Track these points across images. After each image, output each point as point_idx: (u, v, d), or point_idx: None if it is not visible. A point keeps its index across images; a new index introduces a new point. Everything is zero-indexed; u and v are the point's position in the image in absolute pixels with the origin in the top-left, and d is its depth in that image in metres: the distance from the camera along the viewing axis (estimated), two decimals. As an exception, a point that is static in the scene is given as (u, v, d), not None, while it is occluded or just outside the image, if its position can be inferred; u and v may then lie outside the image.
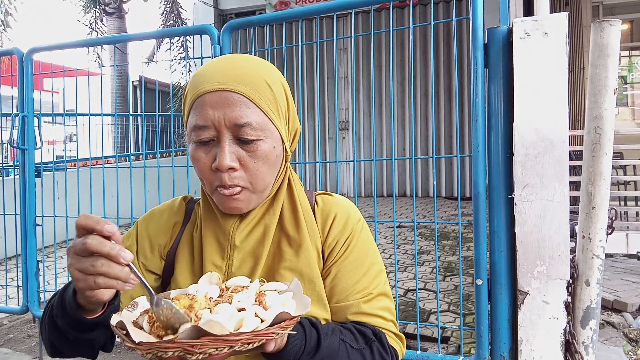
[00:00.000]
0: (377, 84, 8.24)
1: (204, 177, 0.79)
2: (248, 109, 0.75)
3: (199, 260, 0.83)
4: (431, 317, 2.97)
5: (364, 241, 0.87)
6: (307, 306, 0.64)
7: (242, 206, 0.79)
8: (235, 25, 2.19)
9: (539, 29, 1.56)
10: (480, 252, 1.71)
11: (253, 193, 0.79)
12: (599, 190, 1.45)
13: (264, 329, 0.58)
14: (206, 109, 0.75)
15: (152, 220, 0.90)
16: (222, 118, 0.74)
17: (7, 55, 2.89)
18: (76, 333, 0.71)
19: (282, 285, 0.70)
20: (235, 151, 0.76)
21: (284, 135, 0.81)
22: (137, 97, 11.57)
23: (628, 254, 4.10)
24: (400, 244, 4.91)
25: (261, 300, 0.64)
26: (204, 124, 0.75)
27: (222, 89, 0.75)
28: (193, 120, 0.76)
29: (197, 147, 0.77)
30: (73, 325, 0.70)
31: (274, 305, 0.64)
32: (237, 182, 0.77)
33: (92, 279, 0.61)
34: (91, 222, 0.61)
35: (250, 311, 0.61)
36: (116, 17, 10.47)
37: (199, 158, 0.77)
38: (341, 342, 0.74)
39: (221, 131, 0.75)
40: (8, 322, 3.37)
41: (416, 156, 3.44)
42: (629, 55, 7.77)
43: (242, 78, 0.76)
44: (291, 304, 0.65)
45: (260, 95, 0.76)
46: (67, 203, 2.65)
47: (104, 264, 0.60)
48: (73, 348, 0.75)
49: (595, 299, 1.50)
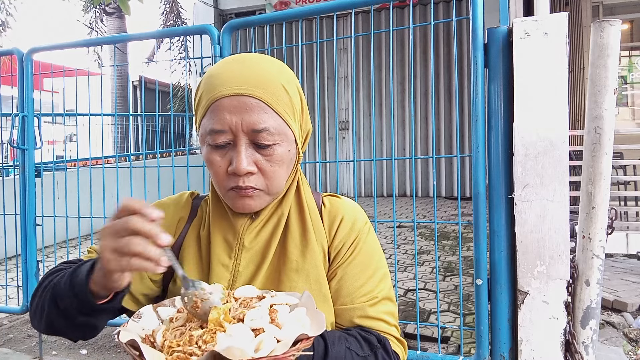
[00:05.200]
0: (377, 84, 8.23)
1: (218, 179, 0.79)
2: (266, 114, 0.75)
3: (207, 259, 0.83)
4: (431, 317, 2.97)
5: (370, 244, 0.87)
6: (322, 326, 0.64)
7: (254, 205, 0.79)
8: (235, 25, 2.19)
9: (539, 29, 1.56)
10: (480, 252, 1.71)
11: (267, 194, 0.80)
12: (599, 190, 1.45)
13: (282, 355, 0.58)
14: (223, 114, 0.74)
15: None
16: (240, 123, 0.74)
17: (7, 55, 2.88)
18: (83, 317, 0.71)
19: (293, 299, 0.70)
20: (252, 155, 0.76)
21: (297, 137, 0.81)
22: (137, 97, 11.57)
23: (628, 254, 4.10)
24: (400, 244, 4.91)
25: (274, 318, 0.64)
26: (221, 129, 0.74)
27: (239, 94, 0.74)
28: (209, 124, 0.76)
29: (212, 150, 0.77)
30: (81, 309, 0.70)
31: (290, 324, 0.63)
32: (254, 185, 0.77)
33: (126, 259, 0.62)
34: (137, 205, 0.63)
35: (269, 334, 0.61)
36: (116, 17, 10.47)
37: (214, 161, 0.77)
38: (347, 350, 0.74)
39: (238, 135, 0.75)
40: (8, 322, 3.37)
41: (416, 156, 3.44)
42: (629, 55, 7.77)
43: (259, 82, 0.75)
44: (306, 322, 0.65)
45: (278, 99, 0.76)
46: (67, 203, 2.65)
47: (141, 243, 0.61)
48: (74, 329, 0.75)
49: (595, 299, 1.50)
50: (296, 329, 0.61)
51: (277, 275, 0.81)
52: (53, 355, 2.82)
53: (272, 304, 0.67)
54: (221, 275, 0.81)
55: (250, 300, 0.69)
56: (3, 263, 4.59)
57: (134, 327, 0.65)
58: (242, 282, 0.81)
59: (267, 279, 0.82)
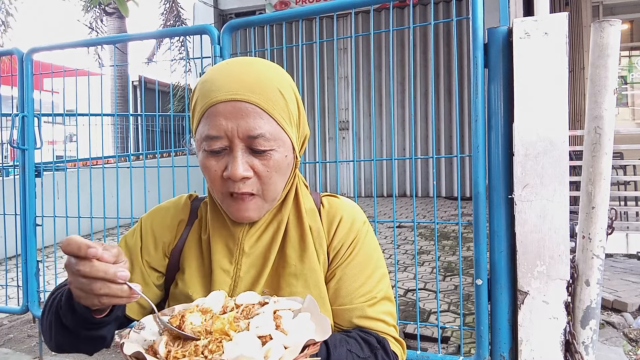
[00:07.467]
0: (377, 84, 8.23)
1: (214, 185, 0.78)
2: (262, 120, 0.74)
3: (209, 264, 0.83)
4: (431, 317, 2.97)
5: (369, 244, 0.87)
6: (328, 330, 0.63)
7: (253, 215, 0.79)
8: (235, 25, 2.18)
9: (539, 29, 1.56)
10: (480, 252, 1.71)
11: (265, 201, 0.79)
12: (599, 190, 1.45)
13: None
14: (219, 119, 0.73)
15: (157, 217, 0.90)
16: (236, 129, 0.73)
17: (7, 55, 2.88)
18: (88, 332, 0.72)
19: (295, 304, 0.70)
20: (248, 160, 0.75)
21: (295, 143, 0.80)
22: (137, 97, 11.57)
23: (628, 254, 4.10)
24: (400, 244, 4.91)
25: (279, 324, 0.63)
26: (217, 135, 0.74)
27: (235, 99, 0.73)
28: (205, 130, 0.75)
29: (208, 155, 0.76)
30: (83, 324, 0.70)
31: (296, 330, 0.63)
32: (250, 190, 0.76)
33: (95, 298, 0.61)
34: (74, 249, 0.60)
35: (277, 342, 0.60)
36: (116, 17, 10.46)
37: (210, 166, 0.76)
38: (348, 353, 0.74)
39: (234, 141, 0.74)
40: (8, 322, 3.37)
41: (416, 156, 3.44)
42: (629, 55, 7.77)
43: (255, 87, 0.74)
44: (311, 327, 0.64)
45: (274, 104, 0.75)
46: (67, 203, 2.65)
47: (102, 287, 0.60)
48: (83, 343, 0.75)
49: (595, 299, 1.50)
50: (303, 335, 0.61)
51: (277, 280, 0.81)
52: (53, 355, 2.82)
53: (275, 309, 0.67)
54: (222, 280, 0.80)
55: (253, 307, 0.68)
56: (3, 263, 4.59)
57: (137, 338, 0.65)
58: (244, 287, 0.81)
59: (267, 285, 0.82)
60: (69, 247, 0.60)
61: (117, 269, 0.61)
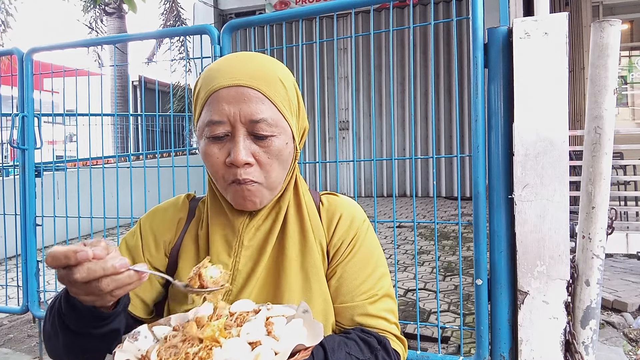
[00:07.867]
0: (377, 84, 8.23)
1: (216, 172, 0.78)
2: (263, 105, 0.75)
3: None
4: (431, 317, 2.97)
5: (369, 242, 0.87)
6: (319, 335, 0.63)
7: (256, 201, 0.79)
8: (235, 25, 2.18)
9: (539, 29, 1.56)
10: (480, 252, 1.71)
11: (266, 189, 0.79)
12: (599, 190, 1.45)
13: None
14: (221, 104, 0.75)
15: (156, 217, 0.90)
16: (238, 113, 0.74)
17: (7, 55, 2.88)
18: (101, 329, 0.71)
19: (290, 310, 0.70)
20: (250, 146, 0.76)
21: (295, 132, 0.81)
22: (137, 97, 11.57)
23: (628, 254, 4.09)
24: (400, 244, 4.91)
25: (270, 330, 0.64)
26: (219, 119, 0.75)
27: (237, 85, 0.75)
28: (207, 115, 0.76)
29: (210, 142, 0.77)
30: (94, 324, 0.70)
31: (288, 336, 0.63)
32: (252, 177, 0.77)
33: (108, 295, 0.61)
34: (62, 261, 0.59)
35: (266, 347, 0.60)
36: (116, 17, 10.47)
37: (212, 153, 0.77)
38: (347, 356, 0.74)
39: (236, 126, 0.75)
40: (8, 322, 3.37)
41: (416, 156, 3.44)
42: (629, 55, 7.78)
43: (257, 74, 0.76)
44: (303, 332, 0.64)
45: (275, 91, 0.77)
46: (67, 203, 2.64)
47: (109, 283, 0.60)
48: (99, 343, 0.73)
49: (595, 299, 1.50)
50: (293, 340, 0.61)
51: (277, 274, 0.81)
52: (53, 355, 2.82)
53: (268, 316, 0.67)
54: None
55: (247, 315, 0.68)
56: (3, 263, 4.59)
57: (130, 348, 0.65)
58: (241, 280, 0.81)
59: (266, 278, 0.81)
60: (56, 261, 0.59)
61: (113, 261, 0.60)
